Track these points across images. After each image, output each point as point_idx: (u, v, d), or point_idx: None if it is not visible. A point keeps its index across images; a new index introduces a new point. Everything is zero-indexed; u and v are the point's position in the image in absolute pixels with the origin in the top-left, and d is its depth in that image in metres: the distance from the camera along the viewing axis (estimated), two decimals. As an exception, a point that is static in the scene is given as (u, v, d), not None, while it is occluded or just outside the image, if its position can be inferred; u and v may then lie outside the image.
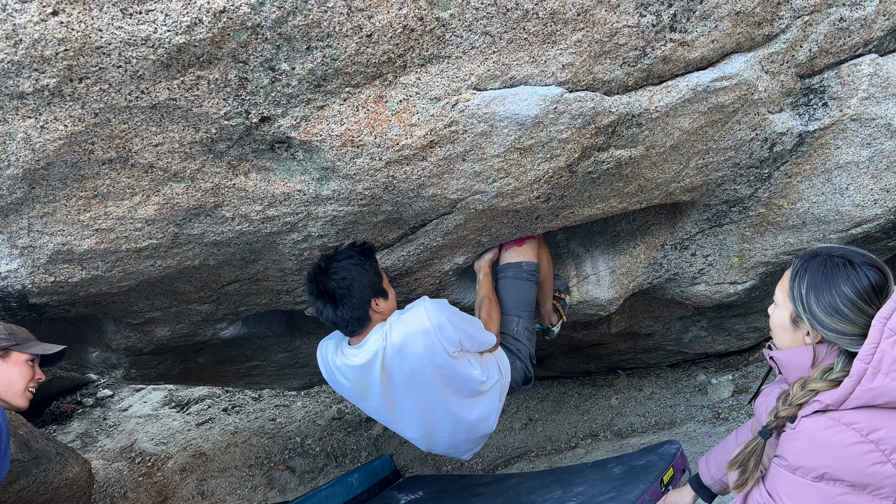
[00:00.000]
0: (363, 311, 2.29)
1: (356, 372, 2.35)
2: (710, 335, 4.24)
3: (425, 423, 2.46)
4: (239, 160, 2.02)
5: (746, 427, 2.03)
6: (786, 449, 1.52)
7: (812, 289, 1.54)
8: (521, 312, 2.76)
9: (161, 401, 6.61)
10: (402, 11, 1.68)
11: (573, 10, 1.79)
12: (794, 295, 1.58)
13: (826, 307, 1.51)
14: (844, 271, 1.52)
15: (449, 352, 2.26)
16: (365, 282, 2.27)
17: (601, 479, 2.58)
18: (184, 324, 3.02)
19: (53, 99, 1.71)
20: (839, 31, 2.16)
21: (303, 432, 5.64)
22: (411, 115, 1.90)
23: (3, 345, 2.15)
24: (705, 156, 2.39)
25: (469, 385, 2.39)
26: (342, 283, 2.23)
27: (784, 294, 1.63)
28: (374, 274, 2.33)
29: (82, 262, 2.23)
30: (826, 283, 1.53)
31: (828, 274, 1.53)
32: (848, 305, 1.48)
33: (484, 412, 2.49)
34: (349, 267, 2.25)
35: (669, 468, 2.47)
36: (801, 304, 1.56)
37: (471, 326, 2.39)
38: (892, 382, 1.39)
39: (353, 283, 2.24)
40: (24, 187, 1.94)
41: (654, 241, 3.08)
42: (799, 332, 1.60)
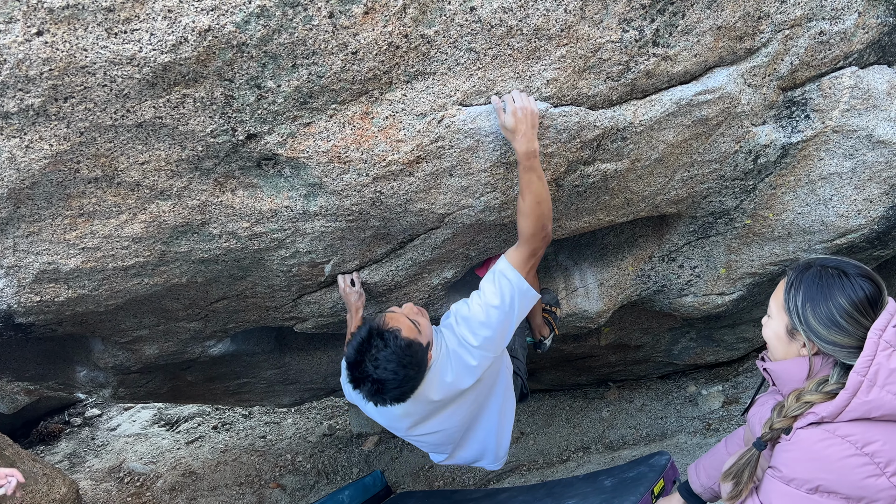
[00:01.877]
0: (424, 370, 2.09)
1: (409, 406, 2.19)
2: (699, 346, 4.26)
3: (459, 431, 2.37)
4: (226, 177, 2.02)
5: (736, 435, 2.02)
6: (780, 460, 1.51)
7: (808, 300, 1.53)
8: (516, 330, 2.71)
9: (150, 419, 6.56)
10: (387, 29, 1.70)
11: (557, 26, 1.81)
12: (790, 307, 1.56)
13: (823, 319, 1.50)
14: (840, 282, 1.51)
15: (503, 345, 2.21)
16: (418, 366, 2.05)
17: (592, 491, 2.58)
18: (172, 342, 3.00)
19: (38, 118, 1.70)
20: (819, 45, 2.19)
21: (293, 449, 5.61)
22: (397, 130, 1.90)
23: None
24: (690, 168, 2.41)
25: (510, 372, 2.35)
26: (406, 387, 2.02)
27: (779, 306, 1.61)
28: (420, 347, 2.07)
29: (69, 281, 2.22)
30: (822, 294, 1.52)
31: (823, 285, 1.52)
32: (844, 317, 1.47)
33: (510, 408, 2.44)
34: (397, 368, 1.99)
35: (660, 479, 2.47)
36: (798, 317, 1.54)
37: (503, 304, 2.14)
38: (888, 395, 1.39)
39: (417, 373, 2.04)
40: (9, 207, 1.93)
41: (642, 253, 3.09)
42: (794, 343, 1.58)
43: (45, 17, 1.51)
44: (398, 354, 1.97)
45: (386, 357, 1.96)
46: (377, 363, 1.95)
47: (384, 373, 1.95)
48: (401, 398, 2.05)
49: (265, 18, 1.60)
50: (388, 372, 1.95)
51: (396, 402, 2.05)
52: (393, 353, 1.96)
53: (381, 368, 1.95)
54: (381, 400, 2.01)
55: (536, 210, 2.03)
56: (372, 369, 1.95)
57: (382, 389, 1.97)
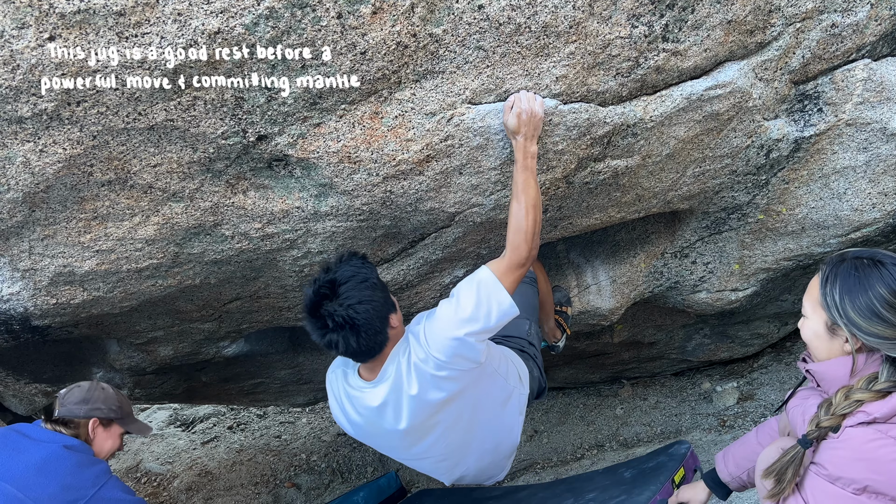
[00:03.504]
0: (385, 333, 1.96)
1: (374, 412, 2.08)
2: (713, 343, 4.23)
3: (453, 451, 2.21)
4: (237, 179, 2.03)
5: (768, 426, 1.96)
6: (826, 458, 1.46)
7: (846, 294, 1.48)
8: (529, 316, 2.60)
9: (166, 420, 6.60)
10: (396, 28, 1.70)
11: (565, 22, 1.80)
12: (828, 302, 1.51)
13: (863, 311, 1.45)
14: (877, 272, 1.46)
15: (481, 358, 2.00)
16: (380, 299, 1.94)
17: (612, 484, 2.56)
18: (186, 343, 3.03)
19: (52, 123, 1.72)
20: (832, 37, 2.17)
21: (308, 449, 5.63)
22: (407, 130, 1.91)
23: (112, 415, 2.34)
24: (702, 164, 2.40)
25: (498, 385, 2.16)
26: (360, 307, 1.87)
27: (814, 304, 1.56)
28: (383, 286, 2.00)
29: (84, 283, 2.24)
30: (860, 286, 1.47)
31: (860, 276, 1.48)
32: (885, 307, 1.43)
33: (507, 424, 2.27)
34: (361, 286, 1.90)
35: (680, 468, 2.43)
36: (837, 311, 1.49)
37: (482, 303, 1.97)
38: None
39: (372, 304, 1.90)
40: (25, 210, 1.95)
41: (654, 249, 3.08)
42: (837, 340, 1.53)
43: (56, 22, 1.53)
44: (359, 277, 1.89)
45: (349, 287, 1.87)
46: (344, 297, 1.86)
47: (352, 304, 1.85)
48: (378, 335, 1.93)
49: (274, 20, 1.61)
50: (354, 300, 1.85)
51: (372, 345, 1.93)
52: (353, 278, 1.88)
53: (346, 298, 1.86)
54: (356, 346, 1.90)
55: (531, 214, 1.96)
56: (337, 307, 1.85)
57: (355, 326, 1.86)
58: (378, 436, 2.16)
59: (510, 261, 1.98)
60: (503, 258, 2.00)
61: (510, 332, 2.50)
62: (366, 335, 1.90)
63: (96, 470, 2.16)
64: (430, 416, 2.05)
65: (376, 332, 1.93)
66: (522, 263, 1.98)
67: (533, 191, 1.96)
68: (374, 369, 2.05)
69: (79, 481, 2.09)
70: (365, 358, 2.01)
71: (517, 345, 2.48)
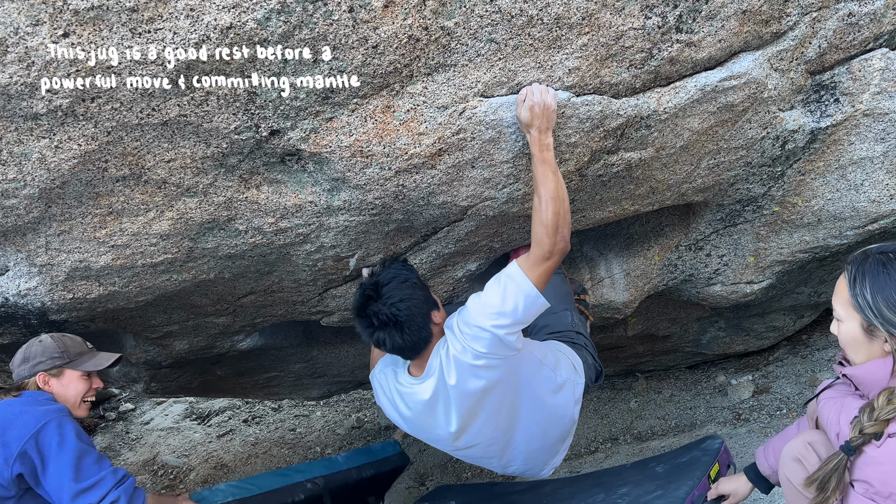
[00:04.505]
0: (427, 329, 2.08)
1: (425, 406, 2.17)
2: (728, 336, 4.21)
3: (499, 436, 2.27)
4: (250, 174, 2.04)
5: (807, 419, 1.92)
6: (870, 474, 1.40)
7: (878, 292, 1.44)
8: (568, 306, 2.61)
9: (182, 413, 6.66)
10: (407, 22, 1.69)
11: (578, 14, 1.79)
12: (860, 303, 1.47)
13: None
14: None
15: (517, 346, 2.05)
16: (421, 297, 2.08)
17: (644, 479, 2.53)
18: (201, 337, 3.05)
19: (67, 119, 1.74)
20: (848, 27, 2.15)
21: (322, 442, 5.66)
22: (419, 123, 1.91)
23: (57, 363, 2.23)
24: (716, 156, 2.38)
25: (543, 375, 2.19)
26: (401, 305, 2.01)
27: (845, 306, 1.52)
28: (423, 286, 2.15)
29: (99, 278, 2.26)
30: (891, 282, 1.43)
31: (890, 272, 1.44)
32: None
33: (557, 412, 2.28)
34: (401, 287, 2.05)
35: (715, 463, 2.40)
36: (872, 311, 1.45)
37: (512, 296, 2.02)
38: None
39: (413, 301, 2.04)
40: (41, 206, 1.97)
41: (668, 242, 3.06)
42: (876, 341, 1.47)
43: (70, 19, 1.54)
44: (400, 278, 2.05)
45: (391, 287, 2.03)
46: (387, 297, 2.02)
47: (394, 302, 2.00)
48: (421, 331, 2.06)
49: (286, 14, 1.61)
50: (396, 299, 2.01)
51: (416, 340, 2.07)
52: (395, 279, 2.04)
53: (388, 297, 2.01)
54: (401, 342, 2.04)
55: (552, 206, 1.95)
56: (381, 306, 2.01)
57: (398, 323, 2.00)
58: (428, 429, 2.25)
59: (534, 255, 2.01)
60: (529, 253, 2.04)
61: (556, 327, 2.53)
62: (409, 331, 2.03)
63: (41, 410, 2.10)
64: (472, 405, 2.13)
65: (419, 328, 2.05)
66: (547, 256, 2.00)
67: (552, 182, 1.95)
68: (420, 366, 2.16)
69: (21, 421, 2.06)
70: (411, 354, 2.14)
71: (567, 337, 2.50)
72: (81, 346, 2.33)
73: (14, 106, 1.68)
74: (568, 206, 2.00)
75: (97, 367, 2.30)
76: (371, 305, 2.03)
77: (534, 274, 2.01)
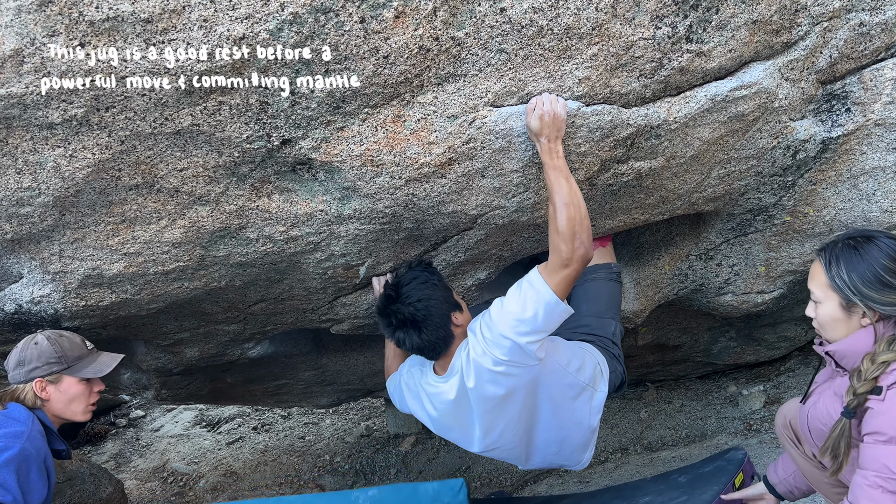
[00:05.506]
0: (447, 329, 2.15)
1: (451, 406, 2.21)
2: (739, 346, 4.18)
3: (520, 442, 2.29)
4: (262, 182, 2.06)
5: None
6: (879, 423, 1.51)
7: (852, 271, 1.60)
8: (615, 315, 2.63)
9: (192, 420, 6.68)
10: (418, 32, 1.71)
11: (588, 24, 1.80)
12: (838, 283, 1.63)
13: (873, 283, 1.57)
14: (874, 246, 1.61)
15: (539, 356, 2.06)
16: (440, 297, 2.15)
17: (666, 488, 2.51)
18: (212, 344, 3.06)
19: (81, 128, 1.75)
20: (860, 36, 2.14)
21: (332, 450, 5.66)
22: (429, 133, 1.91)
23: (55, 369, 2.10)
24: (727, 165, 2.38)
25: (565, 382, 2.19)
26: (419, 304, 2.10)
27: (823, 288, 1.67)
28: (445, 287, 2.23)
29: (112, 285, 2.28)
30: (863, 260, 1.60)
31: (860, 251, 1.61)
32: (890, 275, 1.56)
33: (575, 418, 2.28)
34: (421, 287, 2.14)
35: (739, 472, 2.39)
36: (849, 289, 1.60)
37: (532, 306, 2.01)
38: None
39: (431, 301, 2.12)
40: (55, 214, 1.99)
41: (679, 251, 3.05)
42: (854, 318, 1.63)
43: (86, 30, 1.56)
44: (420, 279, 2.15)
45: (410, 287, 2.14)
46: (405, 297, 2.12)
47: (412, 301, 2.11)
48: (439, 330, 2.13)
49: (298, 25, 1.63)
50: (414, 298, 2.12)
51: (435, 340, 2.13)
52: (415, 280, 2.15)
53: (407, 297, 2.12)
54: (419, 341, 2.12)
55: (565, 212, 1.94)
56: (400, 306, 2.11)
57: (416, 322, 2.09)
58: (454, 429, 2.29)
59: (552, 262, 2.02)
60: (548, 261, 2.05)
61: (596, 330, 2.55)
62: (427, 331, 2.11)
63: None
64: (492, 411, 2.16)
65: (437, 328, 2.12)
66: (566, 264, 1.98)
67: (564, 189, 1.94)
68: (444, 365, 2.23)
69: None
70: (431, 354, 2.21)
71: (602, 343, 2.52)
72: (80, 347, 2.20)
73: (30, 115, 1.70)
74: (585, 212, 1.98)
75: (97, 373, 2.17)
76: (391, 305, 2.14)
77: (553, 281, 1.99)
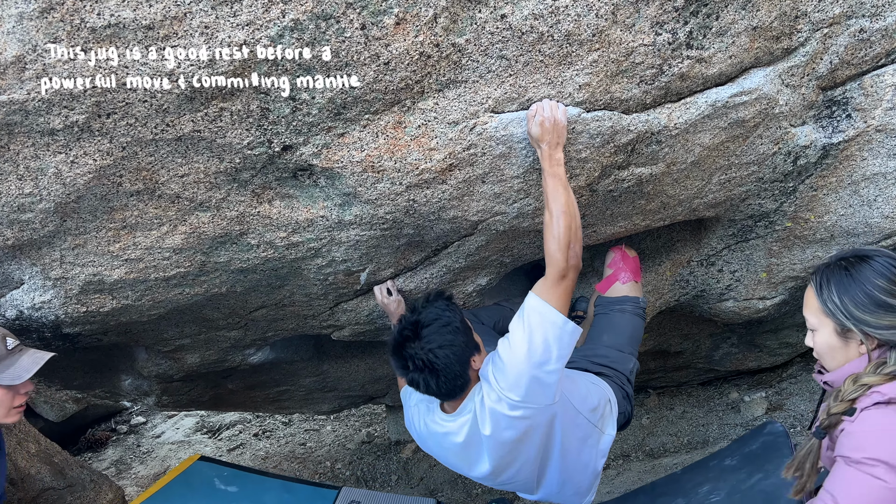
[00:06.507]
0: (465, 376, 2.00)
1: (460, 448, 2.13)
2: (741, 352, 4.18)
3: (531, 479, 2.22)
4: (263, 188, 2.06)
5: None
6: (848, 445, 1.44)
7: (843, 294, 1.50)
8: (634, 351, 2.54)
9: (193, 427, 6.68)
10: (419, 38, 1.71)
11: (588, 31, 1.80)
12: (830, 308, 1.52)
13: (867, 306, 1.47)
14: (867, 266, 1.49)
15: (555, 397, 1.99)
16: (461, 343, 1.98)
17: (721, 472, 2.34)
18: (213, 350, 3.06)
19: (83, 134, 1.76)
20: (860, 43, 2.14)
21: (333, 456, 5.65)
22: (430, 139, 1.92)
23: None
24: (728, 171, 2.38)
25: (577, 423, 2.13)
26: (440, 352, 1.93)
27: (817, 314, 1.56)
28: (466, 330, 2.03)
29: (113, 291, 2.28)
30: (854, 282, 1.49)
31: (852, 273, 1.50)
32: (886, 295, 1.45)
33: (582, 461, 2.21)
34: (442, 332, 1.95)
35: (788, 440, 2.36)
36: (843, 314, 1.50)
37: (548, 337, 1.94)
38: None
39: (453, 349, 1.95)
40: (56, 220, 2.00)
41: (680, 257, 3.05)
42: (851, 344, 1.53)
43: (87, 37, 1.57)
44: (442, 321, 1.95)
45: (431, 330, 1.93)
46: (426, 341, 1.93)
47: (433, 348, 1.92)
48: (458, 379, 1.97)
49: (299, 32, 1.63)
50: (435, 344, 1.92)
51: (452, 388, 1.99)
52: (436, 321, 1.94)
53: (427, 341, 1.93)
54: (436, 388, 1.97)
55: (563, 221, 1.93)
56: (419, 350, 1.93)
57: (435, 370, 1.93)
58: (462, 468, 2.21)
59: (551, 276, 1.98)
60: (546, 275, 2.00)
61: (615, 365, 2.47)
62: (445, 379, 1.95)
63: None
64: (507, 454, 2.08)
65: (456, 377, 1.97)
66: (563, 275, 1.96)
67: (563, 197, 1.94)
68: (454, 405, 2.10)
69: None
70: (446, 398, 2.08)
71: (618, 380, 2.44)
72: (2, 350, 1.94)
73: (31, 121, 1.70)
74: (579, 222, 1.98)
75: (14, 379, 1.92)
76: (409, 346, 1.95)
77: (554, 297, 1.96)
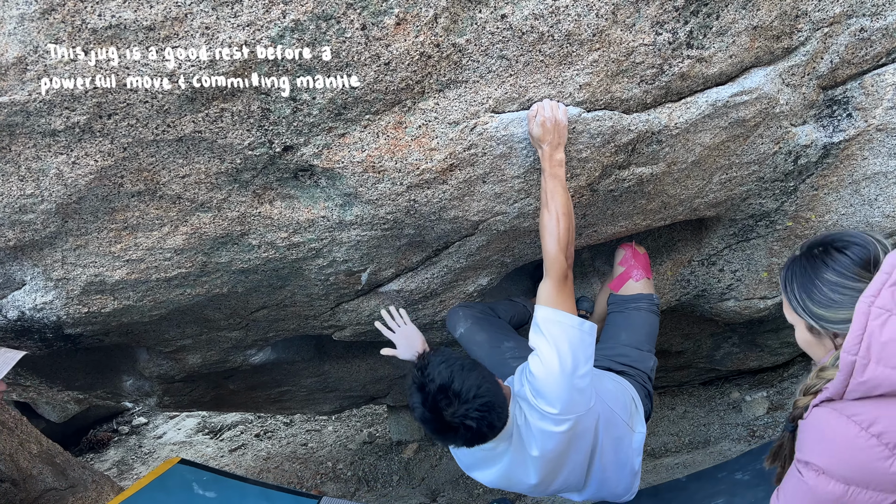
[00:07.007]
0: (505, 412, 1.93)
1: (505, 469, 2.09)
2: (742, 351, 4.17)
3: (575, 485, 2.21)
4: (264, 189, 2.06)
5: None
6: (798, 442, 1.39)
7: (803, 291, 1.42)
8: (652, 349, 2.57)
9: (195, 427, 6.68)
10: (419, 39, 1.71)
11: (588, 30, 1.80)
12: (794, 306, 1.45)
13: (821, 301, 1.38)
14: (823, 258, 1.39)
15: (591, 401, 1.99)
16: (485, 371, 1.91)
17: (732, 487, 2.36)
18: (214, 351, 3.06)
19: (84, 135, 1.76)
20: (860, 42, 2.14)
21: (334, 457, 5.65)
22: (431, 139, 1.92)
23: None
24: (728, 171, 2.38)
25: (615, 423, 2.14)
26: (482, 389, 1.83)
27: (789, 311, 1.50)
28: (474, 363, 1.93)
29: (114, 292, 2.28)
30: (810, 277, 1.40)
31: (809, 267, 1.41)
32: (838, 290, 1.35)
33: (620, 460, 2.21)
34: (463, 373, 1.83)
35: None
36: (805, 312, 1.42)
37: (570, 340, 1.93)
38: (886, 370, 1.23)
39: (483, 377, 1.86)
40: (58, 221, 2.00)
41: (681, 257, 3.05)
42: (824, 339, 1.44)
43: (89, 38, 1.57)
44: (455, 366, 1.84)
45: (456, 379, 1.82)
46: (458, 413, 1.81)
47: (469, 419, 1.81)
48: (506, 404, 1.92)
49: (299, 32, 1.63)
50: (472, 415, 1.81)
51: (505, 414, 1.92)
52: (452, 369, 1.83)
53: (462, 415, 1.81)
54: (498, 423, 1.90)
55: (563, 222, 1.94)
56: (463, 406, 1.81)
57: (491, 407, 1.84)
58: (513, 486, 2.17)
59: (554, 279, 1.98)
60: (547, 279, 1.99)
61: (636, 364, 2.49)
62: (500, 407, 1.88)
63: None
64: (554, 466, 2.07)
65: (504, 401, 1.91)
66: (565, 274, 1.98)
67: (562, 198, 1.95)
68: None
69: None
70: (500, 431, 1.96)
71: (640, 379, 2.46)
72: None
73: (33, 123, 1.70)
74: (574, 224, 1.99)
75: None
76: (448, 412, 1.82)
77: (561, 301, 1.96)
